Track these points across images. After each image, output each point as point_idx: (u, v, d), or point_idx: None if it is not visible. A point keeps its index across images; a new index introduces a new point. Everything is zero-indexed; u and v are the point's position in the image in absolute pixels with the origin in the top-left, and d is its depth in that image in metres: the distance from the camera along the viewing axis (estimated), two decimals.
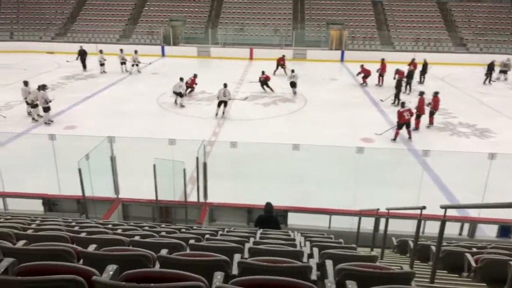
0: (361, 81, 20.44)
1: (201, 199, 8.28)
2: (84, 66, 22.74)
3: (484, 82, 21.25)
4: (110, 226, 5.52)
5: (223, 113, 15.07)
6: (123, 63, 22.47)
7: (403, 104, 13.24)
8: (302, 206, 8.12)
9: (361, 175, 8.78)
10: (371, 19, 31.18)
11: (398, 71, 19.14)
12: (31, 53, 26.37)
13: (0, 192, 8.37)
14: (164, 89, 18.78)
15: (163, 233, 4.93)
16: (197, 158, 8.07)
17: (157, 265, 3.21)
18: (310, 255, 4.01)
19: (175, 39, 29.88)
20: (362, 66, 20.37)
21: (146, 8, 33.05)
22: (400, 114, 12.71)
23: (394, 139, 12.83)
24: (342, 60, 27.91)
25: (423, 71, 20.93)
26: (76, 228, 4.99)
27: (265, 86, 18.82)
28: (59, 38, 30.57)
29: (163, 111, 15.84)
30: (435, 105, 13.92)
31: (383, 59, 20.87)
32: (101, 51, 22.39)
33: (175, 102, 16.30)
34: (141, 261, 3.02)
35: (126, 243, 4.01)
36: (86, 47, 28.08)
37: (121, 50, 22.76)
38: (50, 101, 13.67)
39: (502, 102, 17.56)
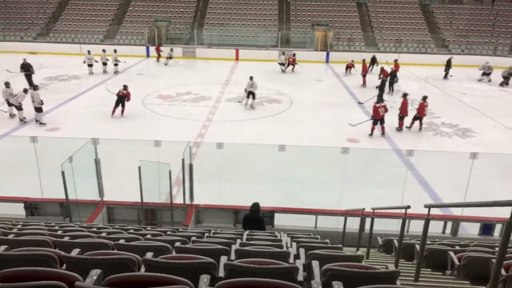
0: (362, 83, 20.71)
1: (187, 201, 8.22)
2: (30, 84, 17.23)
3: (444, 77, 22.74)
4: (94, 229, 5.44)
5: (251, 105, 16.02)
6: (104, 63, 22.21)
7: (379, 100, 13.74)
8: (288, 207, 8.14)
9: (346, 175, 8.84)
10: (355, 20, 31.50)
11: (383, 71, 19.43)
12: (12, 53, 25.79)
13: None
14: (149, 90, 18.63)
15: (149, 236, 4.88)
16: (183, 160, 8.00)
17: (143, 269, 3.17)
18: (297, 256, 4.02)
19: (160, 40, 29.65)
20: (382, 68, 20.22)
21: (130, 8, 32.73)
22: (375, 109, 13.11)
23: (371, 134, 13.22)
24: (327, 61, 28.11)
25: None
26: (59, 232, 4.90)
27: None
28: (41, 38, 30.05)
29: (148, 112, 15.69)
30: (420, 111, 13.93)
31: (364, 60, 21.19)
32: (89, 52, 22.09)
33: None
34: (126, 265, 2.98)
35: (111, 247, 3.95)
36: (69, 47, 27.82)
37: (104, 51, 22.54)
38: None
39: (484, 103, 17.94)
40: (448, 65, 22.88)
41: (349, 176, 9.11)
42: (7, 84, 14.05)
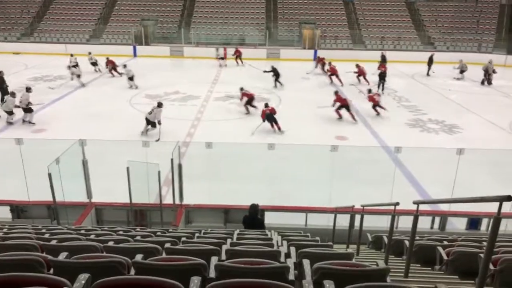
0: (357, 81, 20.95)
1: (177, 201, 8.17)
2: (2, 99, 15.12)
3: (427, 74, 23.18)
4: (82, 231, 5.37)
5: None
6: (94, 63, 22.06)
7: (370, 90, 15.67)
8: (278, 205, 8.15)
9: (336, 173, 8.89)
10: (342, 18, 31.66)
11: (358, 67, 20.57)
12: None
13: None
14: (137, 90, 18.47)
15: (138, 238, 4.84)
16: (172, 160, 7.95)
17: (132, 271, 3.14)
18: (287, 255, 4.02)
19: (147, 39, 29.42)
20: (357, 65, 21.00)
21: (116, 8, 32.36)
22: (339, 97, 14.85)
23: (340, 118, 14.71)
24: (315, 59, 28.18)
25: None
26: (47, 236, 4.82)
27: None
28: (25, 38, 29.55)
29: (136, 112, 15.54)
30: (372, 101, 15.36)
31: (329, 62, 21.84)
32: (71, 55, 21.93)
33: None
34: (115, 268, 2.95)
35: (100, 249, 3.90)
36: (55, 47, 27.39)
37: (89, 53, 22.63)
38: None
39: (468, 99, 18.20)
40: (430, 61, 23.23)
41: (339, 174, 9.16)
42: (13, 94, 13.97)
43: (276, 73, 19.67)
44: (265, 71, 19.96)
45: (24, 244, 3.91)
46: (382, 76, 19.13)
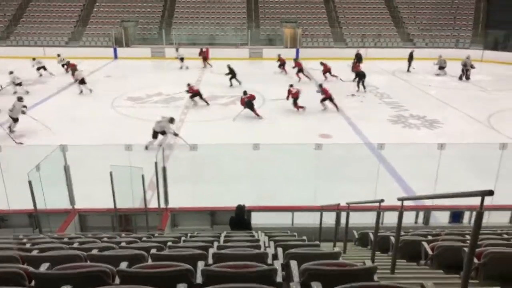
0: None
1: (162, 205, 8.09)
2: None
3: (407, 70, 23.59)
4: (65, 240, 5.25)
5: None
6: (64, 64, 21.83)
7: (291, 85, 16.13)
8: (265, 205, 8.15)
9: (321, 171, 8.94)
10: (323, 16, 31.86)
11: (323, 65, 21.07)
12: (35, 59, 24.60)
13: None
14: (118, 92, 18.22)
15: (123, 244, 4.76)
16: (156, 163, 7.87)
17: (117, 280, 3.08)
18: (275, 256, 4.02)
19: (128, 41, 29.03)
20: (321, 63, 21.39)
21: (95, 9, 31.83)
22: (288, 92, 15.70)
23: (324, 109, 15.75)
24: (297, 57, 28.29)
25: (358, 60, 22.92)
26: (28, 245, 4.70)
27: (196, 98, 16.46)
28: (1, 42, 28.80)
29: (118, 115, 15.34)
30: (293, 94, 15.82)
31: (295, 58, 22.80)
32: (33, 59, 21.99)
33: None
34: (99, 277, 2.88)
35: (83, 258, 3.82)
36: (32, 50, 26.79)
37: (58, 55, 22.67)
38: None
39: (447, 94, 18.55)
40: (411, 58, 23.60)
41: (323, 172, 9.21)
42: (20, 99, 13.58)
43: (232, 72, 19.77)
44: (226, 74, 19.85)
45: (4, 256, 3.80)
46: (361, 75, 19.19)
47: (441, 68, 22.72)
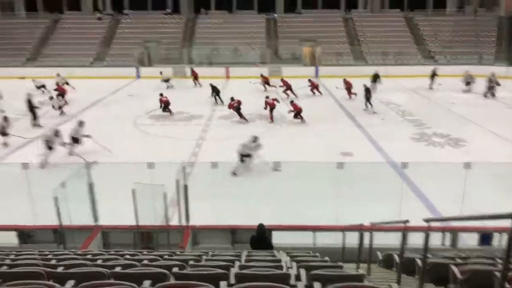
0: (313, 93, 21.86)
1: (183, 222, 8.11)
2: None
3: (430, 88, 23.20)
4: (89, 256, 5.31)
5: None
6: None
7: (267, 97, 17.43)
8: (286, 224, 8.06)
9: (343, 190, 8.83)
10: (342, 34, 32.01)
11: (311, 82, 21.87)
12: (2, 79, 25.61)
13: None
14: (141, 111, 18.61)
15: (145, 262, 4.77)
16: (177, 181, 7.93)
17: None
18: (298, 277, 3.95)
19: (150, 60, 29.79)
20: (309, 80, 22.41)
21: (119, 30, 32.94)
22: (266, 103, 16.88)
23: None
24: (316, 75, 28.39)
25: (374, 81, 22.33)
26: (53, 262, 4.77)
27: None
28: (30, 63, 29.99)
29: (140, 134, 15.62)
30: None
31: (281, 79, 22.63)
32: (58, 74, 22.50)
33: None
34: None
35: (107, 276, 3.85)
36: (59, 71, 27.73)
37: (58, 74, 23.16)
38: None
39: (472, 111, 18.15)
40: (433, 75, 23.26)
41: (345, 191, 9.09)
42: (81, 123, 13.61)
43: (215, 90, 20.31)
44: (211, 94, 20.49)
45: (31, 272, 3.86)
46: (366, 92, 18.75)
47: (468, 84, 22.33)
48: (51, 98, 18.87)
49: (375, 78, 22.48)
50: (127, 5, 42.87)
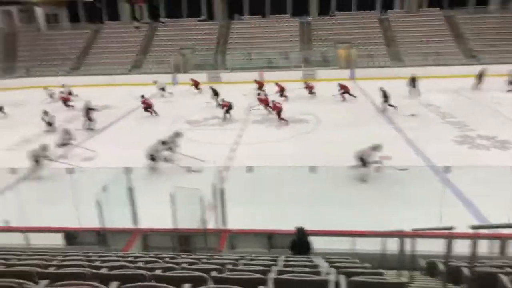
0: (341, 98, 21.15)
1: (220, 226, 8.18)
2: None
3: (476, 88, 22.08)
4: (130, 258, 5.46)
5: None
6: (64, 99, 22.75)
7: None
8: (323, 229, 7.94)
9: (381, 194, 8.60)
10: (378, 36, 31.34)
11: (341, 86, 20.96)
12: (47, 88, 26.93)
13: (22, 227, 8.42)
14: (177, 116, 19.01)
15: (185, 265, 4.85)
16: (214, 185, 8.02)
17: None
18: (337, 284, 3.87)
19: (185, 67, 30.42)
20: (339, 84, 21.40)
21: (156, 38, 33.88)
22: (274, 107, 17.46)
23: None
24: (352, 77, 27.95)
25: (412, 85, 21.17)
26: (97, 263, 4.94)
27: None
28: (73, 72, 31.41)
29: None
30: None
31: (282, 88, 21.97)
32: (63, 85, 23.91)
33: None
34: None
35: (148, 278, 3.94)
36: (100, 79, 28.89)
37: (63, 85, 24.54)
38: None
39: None
40: (481, 76, 22.16)
41: (384, 195, 8.86)
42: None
43: (215, 93, 21.12)
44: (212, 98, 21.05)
45: (77, 273, 4.01)
46: (383, 94, 18.30)
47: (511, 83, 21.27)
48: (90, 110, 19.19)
49: (413, 81, 21.33)
50: (163, 13, 44.07)
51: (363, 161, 10.51)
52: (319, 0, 38.41)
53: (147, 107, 19.41)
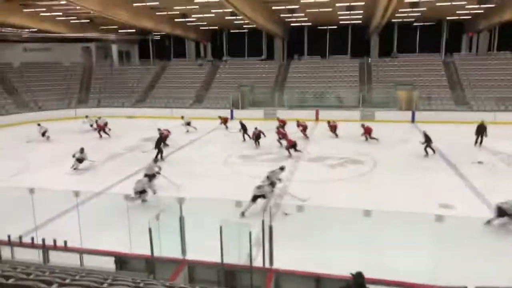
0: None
1: (267, 265, 7.96)
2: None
3: None
4: None
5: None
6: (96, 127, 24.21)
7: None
8: (377, 278, 7.43)
9: (442, 246, 7.95)
10: (443, 79, 30.33)
11: (364, 127, 20.95)
12: (115, 118, 28.88)
13: (78, 248, 8.78)
14: (232, 150, 19.35)
15: None
16: (263, 221, 7.89)
17: None
18: None
19: (243, 103, 31.28)
20: (363, 125, 21.41)
21: (217, 75, 35.41)
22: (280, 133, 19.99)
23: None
24: (413, 120, 27.03)
25: (479, 134, 19.10)
26: None
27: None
28: (139, 104, 33.48)
29: (230, 172, 16.13)
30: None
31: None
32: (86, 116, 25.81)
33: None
34: None
35: None
36: (162, 111, 30.50)
37: (87, 116, 26.34)
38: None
39: None
40: None
41: (446, 247, 8.18)
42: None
43: (243, 128, 21.78)
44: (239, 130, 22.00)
45: None
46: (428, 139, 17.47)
47: None
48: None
49: (481, 130, 19.06)
50: (226, 52, 46.24)
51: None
52: (380, 42, 38.30)
53: (165, 139, 19.79)
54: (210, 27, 43.07)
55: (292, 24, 40.47)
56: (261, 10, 29.52)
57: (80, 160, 16.49)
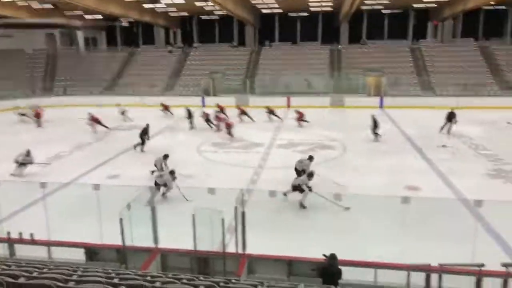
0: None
1: (240, 250, 8.05)
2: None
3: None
4: (148, 278, 5.43)
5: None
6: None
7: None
8: (346, 259, 7.67)
9: (408, 227, 8.29)
10: (410, 65, 31.10)
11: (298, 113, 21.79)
12: (81, 107, 28.03)
13: (45, 241, 8.58)
14: (204, 138, 19.24)
15: (202, 287, 4.77)
16: (236, 207, 7.95)
17: None
18: None
19: (215, 90, 31.03)
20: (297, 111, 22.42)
21: (188, 62, 34.89)
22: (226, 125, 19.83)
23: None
24: (381, 106, 27.66)
25: (449, 120, 19.47)
26: (116, 280, 4.94)
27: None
28: (107, 93, 32.59)
29: (203, 160, 16.07)
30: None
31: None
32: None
33: None
34: None
35: None
36: (131, 99, 29.83)
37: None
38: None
39: None
40: None
41: (411, 228, 8.53)
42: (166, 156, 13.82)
43: (190, 114, 22.35)
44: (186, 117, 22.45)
45: None
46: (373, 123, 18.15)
47: None
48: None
49: (451, 117, 19.37)
50: (196, 39, 45.55)
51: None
52: (350, 29, 38.73)
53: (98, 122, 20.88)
54: (180, 13, 42.21)
55: (263, 11, 40.25)
56: None
57: (24, 165, 14.24)
